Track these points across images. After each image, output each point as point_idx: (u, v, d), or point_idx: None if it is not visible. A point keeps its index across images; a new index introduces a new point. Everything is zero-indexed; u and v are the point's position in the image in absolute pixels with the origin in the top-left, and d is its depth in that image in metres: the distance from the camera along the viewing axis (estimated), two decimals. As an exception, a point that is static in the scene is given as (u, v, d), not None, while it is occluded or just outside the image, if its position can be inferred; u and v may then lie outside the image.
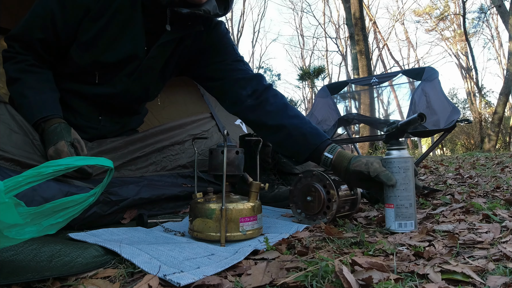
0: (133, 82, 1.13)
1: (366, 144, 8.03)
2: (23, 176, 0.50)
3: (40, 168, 0.51)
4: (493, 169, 2.59)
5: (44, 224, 0.53)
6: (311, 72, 15.50)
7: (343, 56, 22.74)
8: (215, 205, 0.85)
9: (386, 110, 2.50)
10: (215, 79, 1.18)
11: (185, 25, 1.06)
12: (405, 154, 0.91)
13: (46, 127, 0.98)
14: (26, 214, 0.51)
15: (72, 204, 0.55)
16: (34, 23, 1.02)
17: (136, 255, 0.66)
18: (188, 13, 0.96)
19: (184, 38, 1.12)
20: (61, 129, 0.98)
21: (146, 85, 1.17)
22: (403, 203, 0.89)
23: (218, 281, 0.56)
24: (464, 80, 18.45)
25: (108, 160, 0.59)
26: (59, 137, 0.95)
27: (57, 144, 0.94)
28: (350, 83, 2.10)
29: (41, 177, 0.51)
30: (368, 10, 18.56)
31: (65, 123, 1.01)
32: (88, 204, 0.58)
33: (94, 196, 0.58)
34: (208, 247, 0.78)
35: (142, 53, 1.07)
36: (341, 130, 1.95)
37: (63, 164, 0.53)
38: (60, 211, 0.55)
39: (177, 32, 1.06)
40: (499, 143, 10.29)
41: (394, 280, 0.53)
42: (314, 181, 1.08)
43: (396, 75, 1.95)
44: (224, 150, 0.84)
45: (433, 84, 1.75)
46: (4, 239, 0.49)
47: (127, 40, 1.04)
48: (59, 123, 0.99)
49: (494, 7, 10.45)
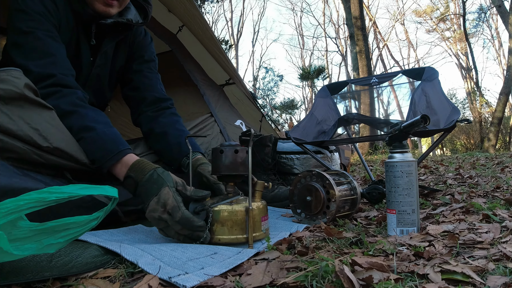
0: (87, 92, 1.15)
1: (366, 144, 8.03)
2: (25, 200, 0.49)
3: (42, 193, 0.51)
4: (493, 169, 2.59)
5: (45, 243, 0.53)
6: (311, 72, 15.51)
7: (343, 56, 22.74)
8: (239, 206, 0.83)
9: (386, 110, 2.50)
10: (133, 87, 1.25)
11: (117, 31, 1.14)
12: (408, 158, 0.88)
13: (139, 178, 0.83)
14: (27, 229, 0.51)
15: (74, 226, 0.55)
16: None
17: (139, 256, 0.66)
18: (112, 22, 1.06)
19: (119, 44, 1.20)
20: (158, 174, 0.83)
21: (98, 93, 1.22)
22: (405, 209, 0.86)
23: (221, 282, 0.56)
24: (464, 80, 18.46)
25: (113, 188, 0.58)
26: (159, 184, 0.81)
27: (160, 192, 0.79)
28: (350, 83, 2.09)
29: (43, 203, 0.51)
30: (368, 10, 18.55)
31: (160, 167, 0.86)
32: (90, 228, 0.58)
33: (97, 220, 0.58)
34: (210, 246, 0.78)
35: (89, 64, 1.13)
36: (341, 130, 1.94)
37: (66, 192, 0.53)
38: (61, 231, 0.54)
39: (113, 39, 1.15)
40: (499, 143, 10.29)
41: (394, 280, 0.53)
42: (314, 181, 1.08)
43: (396, 75, 1.94)
44: (249, 151, 0.83)
45: (433, 84, 1.74)
46: (4, 254, 0.49)
47: (79, 55, 1.10)
48: (154, 169, 0.84)
49: (494, 7, 10.45)
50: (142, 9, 1.18)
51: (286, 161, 1.76)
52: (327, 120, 1.97)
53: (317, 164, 1.73)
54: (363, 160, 1.86)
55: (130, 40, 1.23)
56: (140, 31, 1.26)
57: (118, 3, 1.05)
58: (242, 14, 23.77)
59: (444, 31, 19.74)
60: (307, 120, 1.97)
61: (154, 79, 1.26)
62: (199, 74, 2.07)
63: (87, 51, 1.11)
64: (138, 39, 1.25)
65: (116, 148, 0.88)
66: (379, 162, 4.38)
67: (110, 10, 1.04)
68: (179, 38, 2.13)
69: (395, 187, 0.87)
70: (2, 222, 0.47)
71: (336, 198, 1.02)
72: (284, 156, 1.77)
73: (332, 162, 1.85)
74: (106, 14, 1.04)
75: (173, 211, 0.77)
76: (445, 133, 1.47)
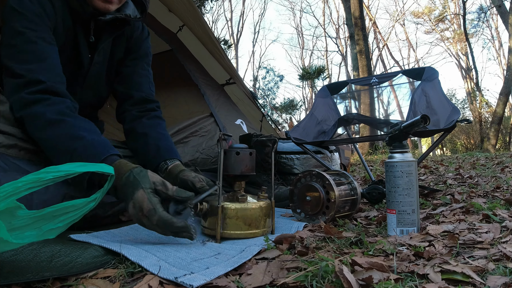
0: (86, 91, 1.17)
1: (366, 144, 8.03)
2: (23, 181, 0.49)
3: (39, 174, 0.51)
4: (493, 169, 2.59)
5: (44, 229, 0.53)
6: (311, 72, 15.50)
7: (343, 56, 22.73)
8: (257, 204, 0.91)
9: (386, 110, 2.49)
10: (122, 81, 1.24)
11: (115, 27, 1.14)
12: (408, 158, 0.88)
13: (117, 182, 0.80)
14: (26, 217, 0.51)
15: (72, 209, 0.55)
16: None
17: (143, 257, 0.66)
18: (111, 18, 1.06)
19: (116, 39, 1.19)
20: (134, 176, 0.80)
21: (97, 91, 1.22)
22: (405, 209, 0.86)
23: (225, 283, 0.56)
24: (464, 80, 18.46)
25: (109, 166, 0.59)
26: (134, 187, 0.78)
27: (134, 196, 0.77)
28: (350, 83, 2.09)
29: (40, 183, 0.51)
30: (368, 10, 18.55)
31: (138, 167, 0.83)
32: (89, 209, 0.58)
33: (94, 202, 0.58)
34: (213, 246, 0.78)
35: (87, 62, 1.13)
36: (341, 130, 1.94)
37: (63, 171, 0.53)
38: (60, 216, 0.54)
39: (111, 35, 1.14)
40: (499, 143, 10.29)
41: (394, 280, 0.53)
42: (314, 181, 1.08)
43: (396, 75, 1.94)
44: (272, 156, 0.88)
45: (433, 84, 1.74)
46: (4, 244, 0.49)
47: (78, 53, 1.09)
48: (130, 170, 0.81)
49: (494, 7, 10.44)
50: (140, 3, 1.18)
51: (286, 161, 1.76)
52: (327, 120, 1.97)
53: (317, 164, 1.73)
54: (363, 160, 1.86)
55: (127, 35, 1.22)
56: (137, 26, 1.25)
57: (118, 0, 1.04)
58: (242, 14, 23.77)
59: (443, 31, 19.75)
60: (307, 120, 1.97)
61: (144, 77, 1.24)
62: (200, 74, 2.07)
63: (85, 49, 1.11)
64: (136, 34, 1.24)
65: (106, 152, 0.85)
66: (379, 162, 4.38)
67: (110, 6, 1.03)
68: (180, 38, 2.13)
69: (395, 187, 0.87)
70: (2, 205, 0.47)
71: (335, 198, 1.02)
72: (284, 156, 1.77)
73: (332, 162, 1.84)
74: (106, 10, 1.03)
75: (149, 214, 0.75)
76: (445, 133, 1.47)
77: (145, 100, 1.21)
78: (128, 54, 1.24)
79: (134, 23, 1.22)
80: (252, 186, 1.52)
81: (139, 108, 1.20)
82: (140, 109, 1.19)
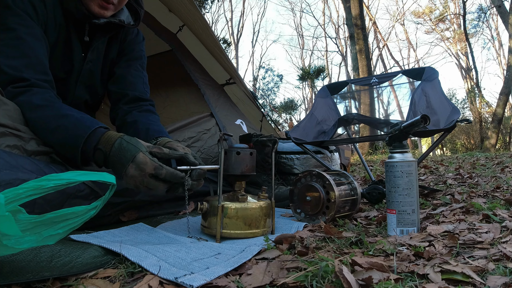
0: (79, 88, 1.17)
1: (366, 144, 8.03)
2: (24, 188, 0.49)
3: (41, 181, 0.51)
4: (493, 169, 2.59)
5: (44, 234, 0.53)
6: (311, 72, 15.51)
7: (343, 56, 22.73)
8: (257, 203, 0.92)
9: (386, 110, 2.49)
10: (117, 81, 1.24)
11: (109, 29, 1.15)
12: (408, 158, 0.88)
13: (107, 148, 0.82)
14: (26, 222, 0.51)
15: (72, 216, 0.55)
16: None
17: (144, 257, 0.66)
18: (105, 22, 1.08)
19: (111, 40, 1.21)
20: (127, 142, 0.82)
21: (91, 88, 1.22)
22: (405, 209, 0.86)
23: (226, 283, 0.56)
24: (464, 80, 18.46)
25: (111, 175, 0.58)
26: (131, 151, 0.80)
27: (135, 159, 0.79)
28: (350, 83, 2.09)
29: (42, 190, 0.51)
30: (368, 10, 18.55)
31: (124, 135, 0.85)
32: (89, 217, 0.57)
33: (95, 209, 0.58)
34: (213, 246, 0.78)
35: (80, 60, 1.14)
36: (341, 130, 1.94)
37: (64, 179, 0.53)
38: (60, 222, 0.54)
39: (104, 35, 1.16)
40: (499, 143, 10.29)
41: (394, 280, 0.53)
42: (314, 181, 1.08)
43: (396, 75, 1.94)
44: (272, 156, 0.87)
45: (433, 84, 1.74)
46: (3, 248, 0.49)
47: (70, 51, 1.10)
48: (120, 137, 0.83)
49: (494, 7, 10.45)
50: (134, 11, 1.19)
51: (286, 161, 1.76)
52: (327, 120, 1.97)
53: (317, 164, 1.73)
54: (363, 160, 1.86)
55: (121, 37, 1.24)
56: (132, 30, 1.26)
57: (114, 7, 1.06)
58: (242, 14, 23.77)
59: (443, 31, 19.75)
60: (307, 120, 1.97)
61: (138, 77, 1.25)
62: (200, 74, 2.07)
63: (78, 47, 1.11)
64: (130, 37, 1.25)
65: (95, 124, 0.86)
66: (379, 162, 4.38)
67: (105, 12, 1.05)
68: (180, 38, 2.13)
69: (395, 187, 0.87)
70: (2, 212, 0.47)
71: (335, 198, 1.02)
72: (284, 156, 1.77)
73: (332, 162, 1.85)
74: (101, 16, 1.05)
75: (156, 171, 0.79)
76: (445, 133, 1.47)
77: (139, 99, 1.20)
78: (121, 56, 1.25)
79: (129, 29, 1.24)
80: (252, 186, 1.52)
81: (132, 105, 1.19)
82: (133, 106, 1.19)
